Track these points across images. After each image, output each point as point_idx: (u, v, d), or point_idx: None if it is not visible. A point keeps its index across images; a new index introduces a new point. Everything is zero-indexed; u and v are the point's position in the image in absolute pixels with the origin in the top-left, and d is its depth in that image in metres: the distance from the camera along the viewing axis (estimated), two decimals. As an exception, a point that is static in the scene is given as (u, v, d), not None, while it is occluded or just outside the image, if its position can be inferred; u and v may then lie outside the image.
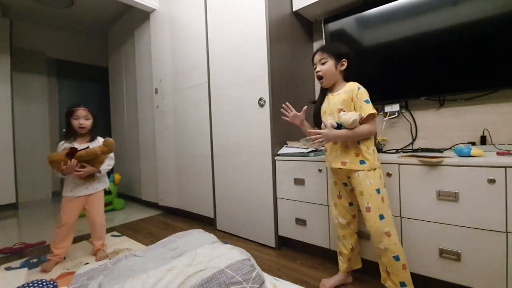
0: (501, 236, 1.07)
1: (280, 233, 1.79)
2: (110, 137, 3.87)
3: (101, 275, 1.10)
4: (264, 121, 1.80)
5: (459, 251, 1.16)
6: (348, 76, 1.30)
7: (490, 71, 1.42)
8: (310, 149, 1.70)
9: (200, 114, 2.31)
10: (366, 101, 1.19)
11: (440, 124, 1.66)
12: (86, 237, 2.14)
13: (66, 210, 1.64)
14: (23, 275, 1.38)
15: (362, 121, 1.17)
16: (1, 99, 3.08)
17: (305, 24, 2.14)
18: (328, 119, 1.24)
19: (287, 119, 1.44)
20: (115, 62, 3.64)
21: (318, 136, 1.19)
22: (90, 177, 1.68)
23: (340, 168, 1.25)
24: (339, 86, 1.29)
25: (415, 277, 1.24)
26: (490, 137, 1.50)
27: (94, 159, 1.62)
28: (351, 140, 1.20)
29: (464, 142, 1.54)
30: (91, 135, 1.73)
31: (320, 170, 1.58)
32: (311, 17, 2.12)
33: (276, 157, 1.78)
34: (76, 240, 2.09)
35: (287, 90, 1.92)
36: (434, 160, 1.20)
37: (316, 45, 2.22)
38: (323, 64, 1.28)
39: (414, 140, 1.74)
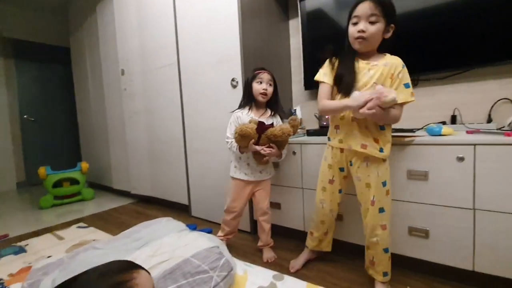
0: (468, 213, 1.09)
1: (255, 218, 1.75)
2: (76, 125, 3.63)
3: (56, 270, 1.01)
4: (237, 103, 1.71)
5: (427, 229, 1.18)
6: (383, 46, 1.08)
7: (461, 51, 1.43)
8: (284, 131, 1.64)
9: (171, 96, 2.17)
10: (407, 85, 1.03)
11: (413, 104, 1.63)
12: (49, 229, 2.01)
13: (238, 196, 1.44)
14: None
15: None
16: None
17: (280, 1, 2.03)
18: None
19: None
20: (77, 42, 3.34)
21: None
22: (267, 161, 1.41)
23: (341, 149, 1.13)
24: (373, 55, 1.08)
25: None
26: (461, 116, 1.51)
27: (284, 141, 1.34)
28: (380, 121, 1.04)
29: (436, 121, 1.55)
30: (270, 108, 1.45)
31: (294, 153, 1.53)
32: (286, -8, 2.01)
33: (250, 140, 1.71)
34: (40, 232, 1.96)
35: (261, 70, 1.83)
36: (406, 139, 1.18)
37: (292, 23, 2.12)
38: (372, 23, 1.01)
39: (388, 120, 1.74)
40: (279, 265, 1.39)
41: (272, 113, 1.45)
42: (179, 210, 2.30)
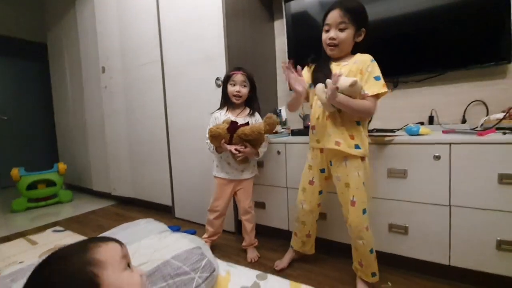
0: (444, 209, 1.13)
1: (239, 218, 1.74)
2: (53, 124, 3.47)
3: (26, 276, 0.96)
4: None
5: (406, 225, 1.21)
6: (356, 48, 1.12)
7: (437, 55, 1.49)
8: (269, 131, 1.64)
9: (154, 95, 2.12)
10: (377, 78, 1.05)
11: (393, 105, 1.70)
12: (22, 234, 1.91)
13: (219, 195, 1.45)
14: None
15: (364, 98, 1.04)
16: None
17: (264, 1, 2.03)
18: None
19: (291, 81, 1.07)
20: (55, 37, 3.20)
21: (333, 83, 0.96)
22: (246, 160, 1.41)
23: (321, 150, 1.15)
24: (345, 58, 1.13)
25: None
26: (437, 117, 1.57)
27: (257, 139, 1.33)
28: (347, 109, 1.03)
29: (415, 122, 1.60)
30: (249, 107, 1.46)
31: (278, 152, 1.54)
32: (270, -7, 2.02)
33: (235, 140, 1.70)
34: (12, 237, 1.85)
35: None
36: (386, 138, 1.21)
37: (277, 24, 2.13)
38: (341, 30, 1.06)
39: (369, 121, 1.77)
40: (263, 265, 1.38)
41: (251, 112, 1.46)
42: (162, 211, 2.24)
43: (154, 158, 2.21)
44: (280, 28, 2.11)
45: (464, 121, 1.50)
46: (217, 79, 1.69)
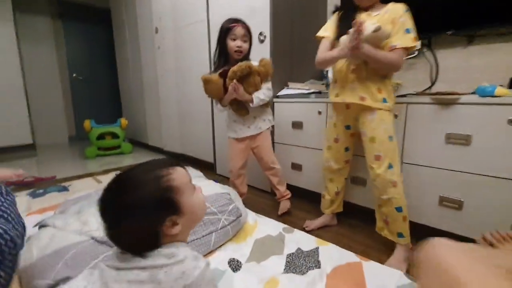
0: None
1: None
2: (117, 83, 3.85)
3: (85, 201, 1.13)
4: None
5: (461, 200, 1.06)
6: None
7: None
8: (311, 90, 1.55)
9: (200, 54, 2.16)
10: (408, 30, 0.96)
11: (465, 65, 1.43)
12: (91, 174, 2.23)
13: (233, 155, 1.44)
14: (24, 202, 1.46)
15: (391, 50, 0.97)
16: (5, 39, 3.01)
17: None
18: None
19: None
20: (116, 2, 3.42)
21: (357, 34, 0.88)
22: (244, 111, 1.35)
23: (347, 106, 1.09)
24: (376, 7, 1.05)
25: (413, 225, 1.18)
26: (523, 80, 1.27)
27: (248, 79, 1.26)
28: (373, 61, 0.97)
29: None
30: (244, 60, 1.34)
31: (319, 113, 1.45)
32: None
33: (275, 99, 1.66)
34: (83, 176, 2.18)
35: (292, 24, 1.71)
36: (449, 97, 1.03)
37: (332, -27, 1.90)
38: None
39: (433, 84, 1.54)
40: (294, 223, 1.38)
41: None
42: (205, 167, 2.38)
43: (199, 117, 2.30)
44: (335, -22, 1.88)
45: (560, 85, 1.19)
46: (260, 34, 1.62)
